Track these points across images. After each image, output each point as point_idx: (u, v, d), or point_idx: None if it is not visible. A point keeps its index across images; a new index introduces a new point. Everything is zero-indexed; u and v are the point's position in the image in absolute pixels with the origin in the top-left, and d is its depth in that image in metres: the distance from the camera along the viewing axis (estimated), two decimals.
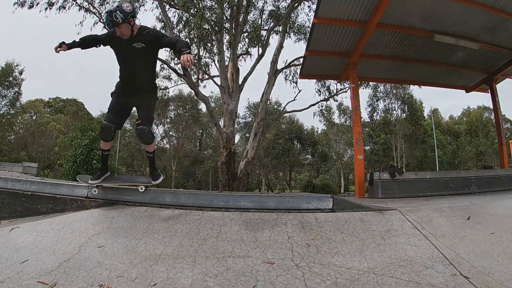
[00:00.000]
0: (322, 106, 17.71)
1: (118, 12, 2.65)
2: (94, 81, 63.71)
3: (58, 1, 11.15)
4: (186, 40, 2.53)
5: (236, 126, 15.92)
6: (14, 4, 10.90)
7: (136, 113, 3.11)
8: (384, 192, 6.24)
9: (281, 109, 23.63)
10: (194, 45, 13.27)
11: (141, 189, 2.99)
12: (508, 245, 2.43)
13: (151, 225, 2.57)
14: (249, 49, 13.99)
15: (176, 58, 2.86)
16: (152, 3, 12.37)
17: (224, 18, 11.53)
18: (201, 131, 35.21)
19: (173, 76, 16.24)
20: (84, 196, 3.00)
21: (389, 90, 30.27)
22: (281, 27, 13.13)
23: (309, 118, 49.07)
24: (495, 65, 9.11)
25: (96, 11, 11.83)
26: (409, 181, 6.43)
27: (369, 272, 2.00)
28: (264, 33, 13.18)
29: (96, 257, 2.13)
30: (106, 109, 3.11)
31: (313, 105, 15.17)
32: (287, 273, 1.96)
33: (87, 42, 2.96)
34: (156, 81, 3.41)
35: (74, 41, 2.90)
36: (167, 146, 32.69)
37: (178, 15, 12.46)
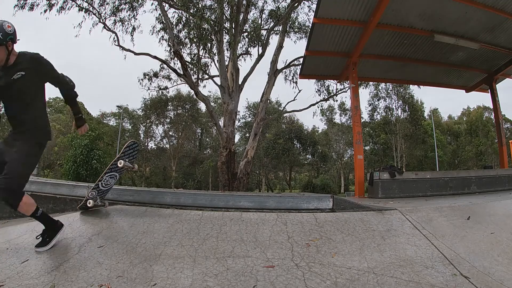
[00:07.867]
0: (322, 106, 17.69)
1: None
2: (94, 81, 63.70)
3: (58, 2, 11.15)
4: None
5: (236, 126, 15.91)
6: (14, 6, 10.86)
7: None
8: (384, 192, 6.23)
9: (281, 109, 23.67)
10: (194, 45, 13.29)
11: None
12: (508, 245, 2.42)
13: (151, 225, 2.57)
14: (249, 49, 14.02)
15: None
16: (151, 4, 12.38)
17: (224, 18, 11.52)
18: (200, 131, 35.23)
19: (173, 75, 16.23)
20: (84, 196, 3.00)
21: (390, 89, 30.33)
22: (281, 26, 13.13)
23: (309, 118, 49.10)
24: (495, 65, 9.11)
25: (96, 11, 11.85)
26: (409, 181, 6.42)
27: (369, 272, 2.00)
28: (264, 32, 13.19)
29: (96, 257, 2.13)
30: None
31: (313, 105, 15.15)
32: (287, 273, 1.96)
33: None
34: None
35: None
36: (167, 146, 32.71)
37: (178, 15, 12.49)
